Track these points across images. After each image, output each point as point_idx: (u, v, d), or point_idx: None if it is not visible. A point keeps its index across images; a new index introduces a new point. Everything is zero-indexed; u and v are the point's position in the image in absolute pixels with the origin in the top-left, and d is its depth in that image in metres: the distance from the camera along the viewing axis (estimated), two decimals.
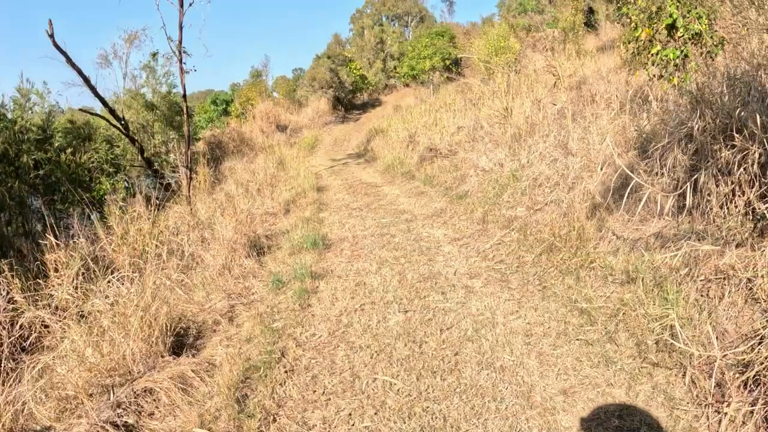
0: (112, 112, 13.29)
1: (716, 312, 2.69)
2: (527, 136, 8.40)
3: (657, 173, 4.02)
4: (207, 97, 33.23)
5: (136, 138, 15.25)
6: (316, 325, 3.98)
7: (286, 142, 19.96)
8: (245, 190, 11.82)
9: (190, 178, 11.22)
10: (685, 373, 2.55)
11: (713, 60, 6.75)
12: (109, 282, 4.27)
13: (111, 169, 15.36)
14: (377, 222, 7.44)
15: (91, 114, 14.57)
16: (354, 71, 26.18)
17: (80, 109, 14.85)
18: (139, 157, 15.94)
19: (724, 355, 2.38)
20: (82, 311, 4.42)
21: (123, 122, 13.74)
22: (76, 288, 4.59)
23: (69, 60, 10.43)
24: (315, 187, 11.54)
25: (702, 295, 2.86)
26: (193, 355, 4.00)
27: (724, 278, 2.78)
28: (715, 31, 7.04)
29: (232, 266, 5.94)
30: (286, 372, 3.30)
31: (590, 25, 22.64)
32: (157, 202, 11.90)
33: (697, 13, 6.65)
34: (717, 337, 2.48)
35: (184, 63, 10.54)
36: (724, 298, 2.69)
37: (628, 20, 7.69)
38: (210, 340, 4.23)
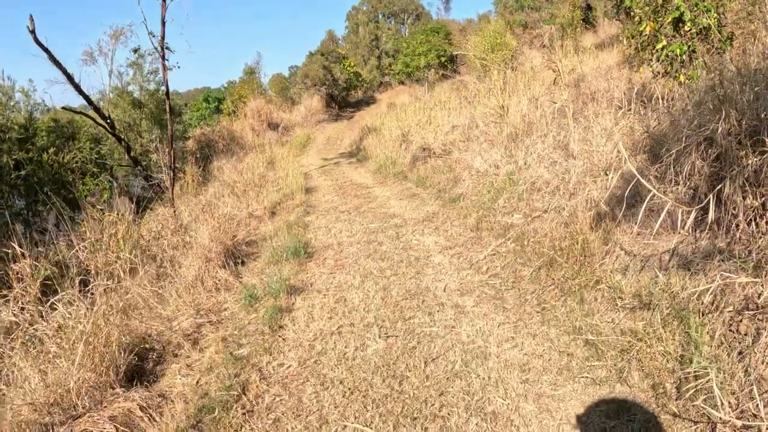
0: (97, 110, 12.83)
1: (751, 353, 2.24)
2: (524, 135, 7.95)
3: (671, 180, 3.56)
4: (201, 95, 32.73)
5: (122, 137, 14.78)
6: (286, 352, 3.52)
7: (278, 141, 19.50)
8: (231, 191, 11.38)
9: (174, 179, 10.77)
10: (714, 429, 2.10)
11: (721, 56, 6.32)
12: (51, 304, 3.79)
13: (95, 169, 14.88)
14: (365, 227, 6.99)
15: (75, 112, 14.07)
16: (348, 68, 25.67)
17: (63, 108, 14.32)
18: (126, 157, 15.43)
19: None
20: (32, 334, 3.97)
21: (109, 120, 13.28)
22: (23, 309, 4.12)
23: (51, 57, 9.99)
24: (303, 188, 11.09)
25: (731, 330, 2.42)
26: (149, 386, 3.54)
27: (759, 311, 2.33)
28: (724, 25, 6.61)
29: (206, 278, 5.48)
30: (244, 414, 2.84)
31: (588, 21, 22.19)
32: (141, 203, 11.49)
33: (705, 6, 6.21)
34: (758, 392, 2.03)
35: (167, 60, 10.10)
36: (760, 336, 2.24)
37: (631, 14, 7.26)
38: (170, 367, 3.77)
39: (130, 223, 6.97)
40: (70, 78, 11.09)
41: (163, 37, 9.96)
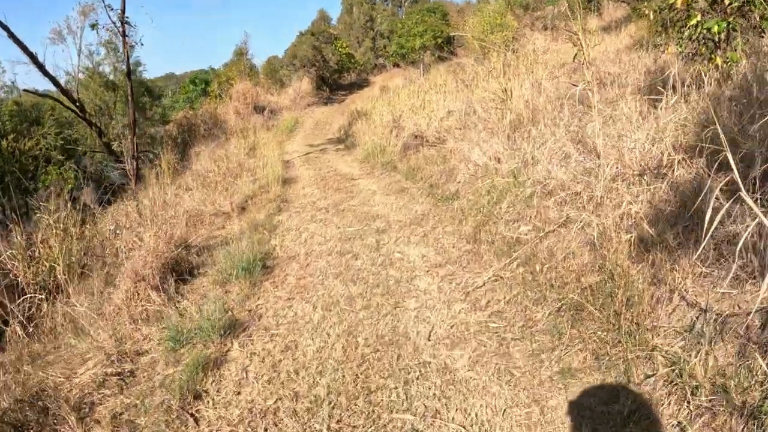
0: (65, 92, 11.68)
1: None
2: (530, 123, 6.81)
3: (758, 200, 2.44)
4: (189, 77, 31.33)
5: (94, 121, 13.66)
6: None
7: (263, 125, 18.29)
8: (203, 181, 10.25)
9: (138, 168, 9.63)
10: None
11: (762, 37, 5.19)
12: None
13: (61, 157, 13.70)
14: (342, 231, 5.89)
15: (38, 95, 12.87)
16: (340, 49, 24.30)
17: (25, 91, 13.15)
18: (98, 142, 14.28)
19: None
20: None
21: (78, 104, 12.14)
22: None
23: (11, 35, 8.87)
24: (281, 179, 9.96)
25: None
26: None
27: None
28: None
29: (133, 303, 4.37)
30: None
31: (591, 2, 20.90)
32: (117, 193, 10.38)
33: None
34: None
35: (129, 36, 8.91)
36: None
37: None
38: None
39: (76, 222, 5.90)
40: (32, 57, 9.98)
41: (123, 11, 8.77)
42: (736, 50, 5.07)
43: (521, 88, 7.92)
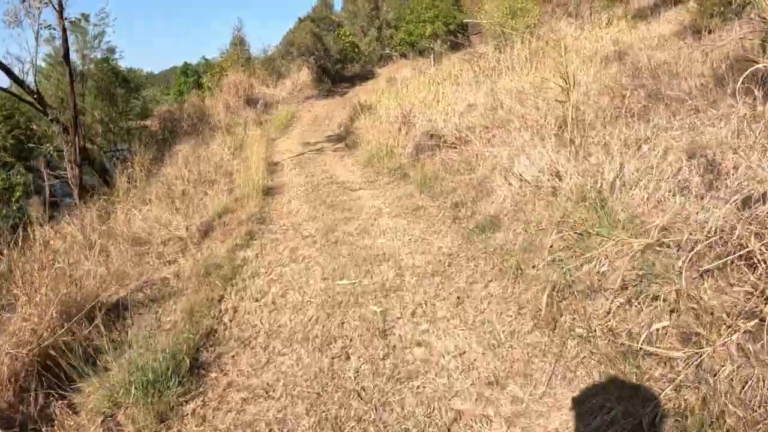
0: (19, 82, 9.70)
1: None
2: (604, 124, 4.80)
3: None
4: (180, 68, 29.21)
5: (55, 116, 11.67)
6: None
7: (256, 120, 16.26)
8: (166, 192, 8.26)
9: (80, 180, 7.63)
10: None
11: None
12: None
13: (10, 159, 11.68)
14: (329, 285, 3.89)
15: None
16: (343, 37, 22.05)
17: None
18: (63, 141, 12.21)
19: None
20: None
21: (36, 96, 10.14)
22: None
23: None
24: (264, 189, 8.00)
25: None
26: None
27: None
28: None
29: None
30: None
31: None
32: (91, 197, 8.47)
33: None
34: None
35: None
36: None
37: None
38: None
39: None
40: None
41: None
42: None
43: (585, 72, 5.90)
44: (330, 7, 25.22)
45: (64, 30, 6.94)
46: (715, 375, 1.89)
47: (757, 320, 1.95)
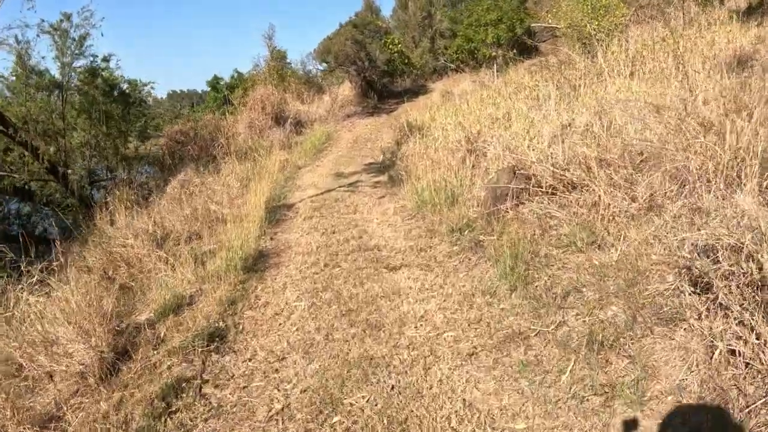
0: None
1: None
2: None
3: None
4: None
5: (25, 138, 9.24)
6: None
7: (284, 143, 13.48)
8: (110, 260, 5.50)
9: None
10: None
11: None
12: None
13: None
14: None
15: None
16: (391, 46, 18.98)
17: None
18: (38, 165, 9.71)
19: None
20: None
21: None
22: None
23: None
24: (253, 257, 5.21)
25: None
26: None
27: None
28: None
29: None
30: None
31: None
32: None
33: None
34: None
35: None
36: None
37: None
38: None
39: None
40: None
41: None
42: None
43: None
44: (376, 12, 22.34)
45: None
46: None
47: None
